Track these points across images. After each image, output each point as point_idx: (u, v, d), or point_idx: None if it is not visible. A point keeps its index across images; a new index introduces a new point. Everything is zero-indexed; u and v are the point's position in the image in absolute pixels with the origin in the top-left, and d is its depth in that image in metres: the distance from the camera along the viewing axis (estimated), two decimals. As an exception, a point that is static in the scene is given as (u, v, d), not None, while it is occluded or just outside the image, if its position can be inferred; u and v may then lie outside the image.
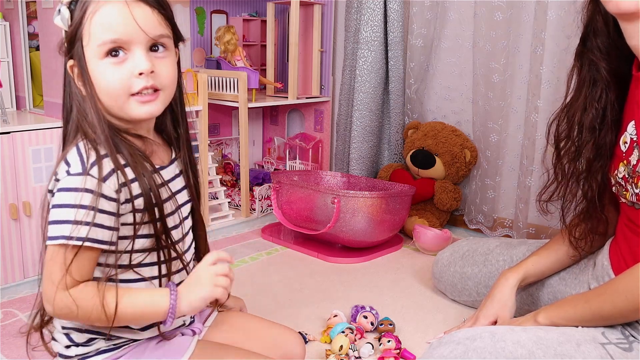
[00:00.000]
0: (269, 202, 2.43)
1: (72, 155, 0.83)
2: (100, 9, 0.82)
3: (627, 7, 0.98)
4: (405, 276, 1.86)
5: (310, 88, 2.60)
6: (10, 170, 1.59)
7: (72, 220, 0.79)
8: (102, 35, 0.82)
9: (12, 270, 1.64)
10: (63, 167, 0.83)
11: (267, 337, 1.06)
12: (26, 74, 1.90)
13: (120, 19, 0.82)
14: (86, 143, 0.83)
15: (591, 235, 1.25)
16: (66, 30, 0.85)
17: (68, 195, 0.80)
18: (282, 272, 1.87)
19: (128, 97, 0.84)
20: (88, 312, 0.82)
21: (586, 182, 1.19)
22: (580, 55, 1.16)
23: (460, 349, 0.96)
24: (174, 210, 0.93)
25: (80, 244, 0.80)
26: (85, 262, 0.82)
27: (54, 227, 0.81)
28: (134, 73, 0.83)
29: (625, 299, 1.00)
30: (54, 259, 0.81)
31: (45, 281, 0.83)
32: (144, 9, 0.83)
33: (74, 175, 0.81)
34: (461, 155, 2.20)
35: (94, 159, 0.82)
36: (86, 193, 0.80)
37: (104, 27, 0.82)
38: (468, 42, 2.21)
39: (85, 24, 0.82)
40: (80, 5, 0.83)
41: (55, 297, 0.81)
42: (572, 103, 1.19)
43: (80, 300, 0.81)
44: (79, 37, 0.83)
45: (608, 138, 1.14)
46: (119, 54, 0.83)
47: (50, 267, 0.82)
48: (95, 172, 0.81)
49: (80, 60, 0.84)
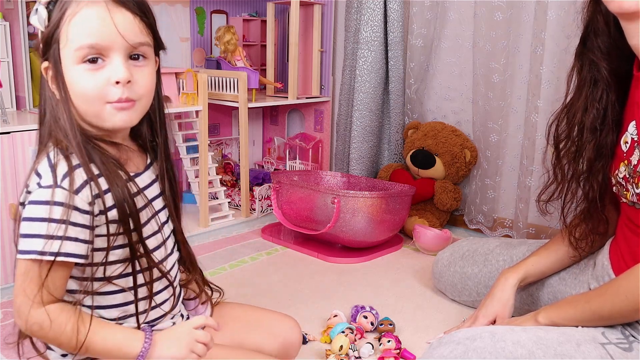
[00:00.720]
0: (269, 202, 2.43)
1: (43, 167, 0.80)
2: (80, 12, 0.78)
3: (629, 6, 0.98)
4: (405, 276, 1.86)
5: (310, 88, 2.60)
6: (10, 170, 1.59)
7: (44, 235, 0.77)
8: (80, 40, 0.78)
9: (12, 270, 1.64)
10: (34, 178, 0.80)
11: (264, 326, 1.06)
12: (26, 74, 1.90)
13: (100, 23, 0.78)
14: (57, 152, 0.81)
15: (592, 235, 1.25)
16: (42, 30, 0.81)
17: (38, 208, 0.78)
18: (282, 272, 1.87)
19: (103, 104, 0.81)
20: (58, 334, 0.81)
21: (587, 182, 1.19)
22: (581, 55, 1.16)
23: (460, 349, 0.96)
24: (150, 217, 0.90)
25: (53, 259, 0.78)
26: (60, 276, 0.81)
27: (25, 241, 0.79)
28: (110, 81, 0.80)
29: (625, 299, 1.00)
30: (27, 273, 0.79)
31: (19, 296, 0.80)
32: (125, 14, 0.80)
33: (45, 187, 0.78)
34: (461, 155, 2.20)
35: (66, 170, 0.79)
36: (56, 206, 0.77)
37: (82, 31, 0.78)
38: (468, 42, 2.21)
39: (62, 26, 0.79)
40: (59, 6, 0.80)
41: (29, 312, 0.79)
42: (573, 103, 1.19)
43: (54, 321, 0.80)
44: (55, 39, 0.80)
45: (609, 138, 1.14)
46: (96, 61, 0.80)
47: (23, 282, 0.80)
48: (66, 184, 0.78)
49: (55, 63, 0.81)
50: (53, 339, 0.82)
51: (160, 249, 0.92)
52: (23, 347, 0.91)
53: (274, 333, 1.06)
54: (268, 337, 1.05)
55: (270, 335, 1.05)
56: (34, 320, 0.80)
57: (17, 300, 0.81)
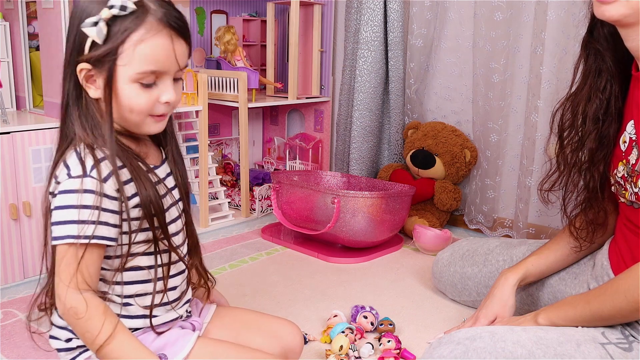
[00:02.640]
0: (269, 202, 2.43)
1: (72, 159, 0.86)
2: (147, 40, 0.84)
3: (611, 15, 1.00)
4: (405, 276, 1.86)
5: (310, 88, 2.60)
6: (10, 170, 1.59)
7: (78, 220, 0.83)
8: (144, 66, 0.85)
9: (12, 270, 1.64)
10: (63, 170, 0.86)
11: (266, 329, 1.07)
12: (26, 74, 1.90)
13: (164, 54, 0.86)
14: (84, 147, 0.87)
15: (592, 225, 1.25)
16: (98, 42, 0.84)
17: (70, 196, 0.84)
18: (282, 272, 1.87)
19: (147, 116, 0.89)
20: (89, 324, 0.85)
21: (588, 172, 1.19)
22: (587, 44, 1.16)
23: (460, 349, 0.96)
24: (171, 205, 0.96)
25: (87, 242, 0.83)
26: (93, 261, 0.86)
27: (59, 227, 0.84)
28: (160, 100, 0.88)
29: (625, 299, 1.00)
30: (63, 258, 0.85)
31: (56, 280, 0.86)
32: (182, 44, 0.88)
33: (75, 177, 0.84)
34: (461, 155, 2.20)
35: (92, 162, 0.85)
36: (87, 194, 0.83)
37: (147, 58, 0.85)
38: (468, 42, 2.22)
39: (126, 47, 0.84)
40: (122, 26, 0.83)
41: (66, 295, 0.85)
42: (577, 93, 1.19)
43: (89, 308, 0.85)
44: (113, 55, 0.84)
45: (612, 129, 1.14)
46: (151, 85, 0.87)
47: (59, 267, 0.85)
48: (95, 174, 0.84)
49: (109, 74, 0.85)
50: (83, 327, 0.86)
51: (178, 235, 0.98)
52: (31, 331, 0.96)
53: (275, 337, 1.07)
54: (269, 340, 1.06)
55: (271, 339, 1.06)
56: (71, 305, 0.85)
57: (56, 285, 0.87)
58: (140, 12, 0.84)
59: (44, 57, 1.76)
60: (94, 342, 0.85)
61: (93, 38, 0.83)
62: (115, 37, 0.83)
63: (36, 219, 1.66)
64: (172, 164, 1.00)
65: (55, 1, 1.65)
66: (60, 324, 0.93)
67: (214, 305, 1.11)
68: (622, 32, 1.04)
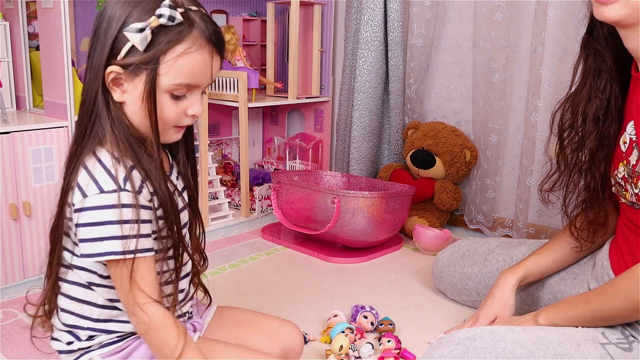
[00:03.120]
0: (269, 202, 2.43)
1: (99, 172, 0.84)
2: (190, 54, 0.84)
3: (611, 16, 1.00)
4: (405, 276, 1.86)
5: (310, 88, 2.60)
6: (10, 170, 1.59)
7: (119, 236, 0.82)
8: (181, 78, 0.85)
9: (12, 270, 1.64)
10: (91, 184, 0.83)
11: (266, 330, 1.08)
12: (26, 74, 1.90)
13: (203, 69, 0.86)
14: (112, 156, 0.85)
15: (593, 225, 1.25)
16: (139, 49, 0.83)
17: (107, 212, 0.81)
18: (282, 272, 1.87)
19: (172, 127, 0.89)
20: (163, 339, 0.86)
21: (589, 172, 1.19)
22: (587, 44, 1.16)
23: (460, 349, 0.96)
24: (182, 208, 0.96)
25: (133, 257, 0.83)
26: (146, 271, 0.85)
27: (99, 244, 0.82)
28: (186, 112, 0.88)
29: (625, 299, 1.00)
30: (115, 276, 0.84)
31: (124, 299, 0.86)
32: (218, 61, 0.89)
33: (109, 192, 0.82)
34: (461, 155, 2.20)
35: (124, 173, 0.84)
36: (125, 208, 0.82)
37: (186, 72, 0.85)
38: (468, 42, 2.22)
39: (168, 57, 0.83)
40: (166, 36, 0.83)
41: (133, 311, 0.85)
42: (577, 93, 1.19)
43: (163, 321, 0.86)
44: (154, 63, 0.83)
45: (612, 129, 1.14)
46: (181, 97, 0.87)
47: (120, 286, 0.85)
48: (129, 187, 0.83)
49: (151, 82, 0.84)
50: (159, 341, 0.87)
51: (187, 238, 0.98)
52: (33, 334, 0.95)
53: (275, 337, 1.07)
54: (269, 341, 1.06)
55: (272, 339, 1.06)
56: (139, 320, 0.85)
57: (126, 304, 0.87)
58: (187, 24, 0.83)
59: (44, 57, 1.76)
60: (173, 354, 0.86)
61: (135, 44, 0.82)
62: (159, 47, 0.83)
63: (36, 219, 1.66)
64: (182, 173, 1.00)
65: (55, 1, 1.65)
66: (62, 326, 0.93)
67: (215, 305, 1.11)
68: (622, 33, 1.04)
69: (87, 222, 0.82)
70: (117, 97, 0.86)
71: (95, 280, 0.89)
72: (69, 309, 0.92)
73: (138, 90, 0.85)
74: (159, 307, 0.86)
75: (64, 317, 0.92)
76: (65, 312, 0.92)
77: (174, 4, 0.82)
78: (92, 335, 0.91)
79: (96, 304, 0.90)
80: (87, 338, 0.92)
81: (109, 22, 0.84)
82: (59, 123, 1.69)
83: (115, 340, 0.92)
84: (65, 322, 0.92)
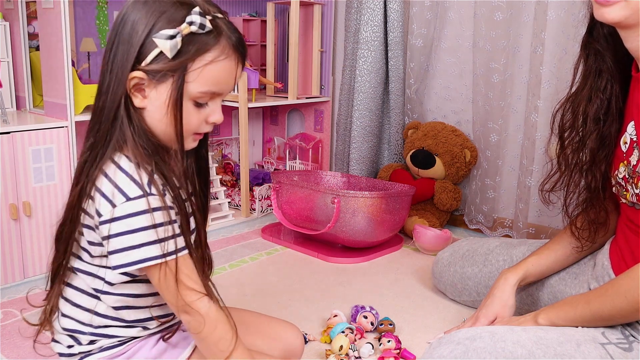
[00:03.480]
0: (269, 202, 2.43)
1: (122, 179, 0.82)
2: (219, 62, 0.84)
3: (612, 17, 1.00)
4: (405, 276, 1.86)
5: (310, 88, 2.60)
6: (10, 170, 1.59)
7: (156, 240, 0.81)
8: (208, 86, 0.84)
9: (12, 270, 1.64)
10: (117, 193, 0.82)
11: (266, 331, 1.07)
12: (26, 74, 1.90)
13: (229, 78, 0.86)
14: (134, 162, 0.84)
15: (594, 225, 1.25)
16: (168, 56, 0.82)
17: (139, 219, 0.81)
18: (282, 272, 1.87)
19: (192, 134, 0.88)
20: (219, 333, 0.87)
21: (590, 172, 1.19)
22: (587, 44, 1.16)
23: (460, 349, 0.96)
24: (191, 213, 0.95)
25: (175, 257, 0.82)
26: (187, 268, 0.85)
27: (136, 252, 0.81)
28: (207, 120, 0.88)
29: (625, 299, 1.00)
30: (160, 280, 0.83)
31: (173, 302, 0.85)
32: (241, 70, 0.89)
33: (136, 198, 0.81)
34: (461, 155, 2.20)
35: (147, 179, 0.83)
36: (156, 212, 0.81)
37: (212, 80, 0.84)
38: (468, 42, 2.22)
39: (196, 66, 0.83)
40: (196, 44, 0.82)
41: (198, 307, 0.85)
42: (578, 93, 1.19)
43: (217, 315, 0.86)
44: (182, 70, 0.82)
45: (613, 129, 1.14)
46: (204, 105, 0.86)
47: (167, 289, 0.84)
48: (154, 190, 0.82)
49: (179, 89, 0.83)
50: (216, 336, 0.87)
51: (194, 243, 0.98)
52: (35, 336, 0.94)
53: (276, 339, 1.07)
54: (270, 342, 1.06)
55: (272, 341, 1.06)
56: (195, 318, 0.85)
57: (175, 305, 0.86)
58: (215, 33, 0.83)
59: (44, 57, 1.76)
60: (229, 347, 0.86)
61: (164, 50, 0.81)
62: (187, 54, 0.82)
63: (36, 219, 1.66)
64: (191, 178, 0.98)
65: (55, 1, 1.65)
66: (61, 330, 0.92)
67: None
68: (622, 33, 1.04)
69: (120, 231, 0.81)
70: (138, 103, 0.85)
71: (100, 287, 0.88)
72: (70, 315, 0.91)
73: (162, 98, 0.83)
74: (210, 301, 0.86)
75: (64, 322, 0.92)
76: (66, 318, 0.92)
77: (202, 11, 0.81)
78: (93, 340, 0.91)
79: (98, 313, 0.89)
80: (89, 342, 0.91)
81: (133, 26, 0.82)
82: (59, 123, 1.69)
83: (116, 344, 0.92)
84: (65, 327, 0.92)
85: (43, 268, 1.69)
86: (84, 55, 2.22)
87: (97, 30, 2.26)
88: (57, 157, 1.68)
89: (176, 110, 0.84)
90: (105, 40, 2.25)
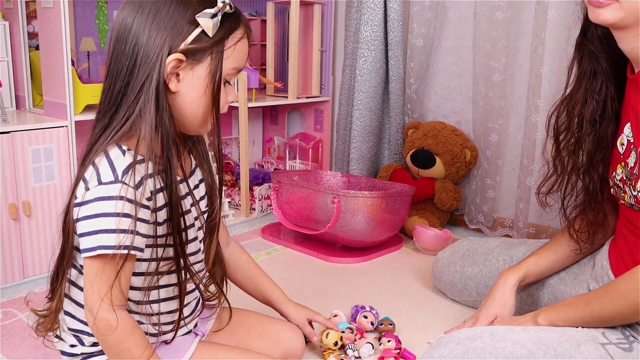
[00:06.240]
0: (269, 202, 2.43)
1: (103, 164, 0.82)
2: (244, 40, 0.88)
3: (606, 18, 0.99)
4: (405, 276, 1.86)
5: (310, 88, 2.60)
6: (10, 170, 1.59)
7: (115, 229, 0.79)
8: (238, 62, 0.88)
9: (12, 270, 1.64)
10: (94, 176, 0.81)
11: (267, 333, 1.07)
12: (26, 73, 1.90)
13: (246, 54, 0.90)
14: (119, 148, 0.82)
15: (592, 226, 1.25)
16: (209, 35, 0.83)
17: (103, 204, 0.79)
18: (282, 272, 1.87)
19: (214, 115, 0.89)
20: (126, 345, 0.84)
21: (587, 174, 1.19)
22: (581, 46, 1.16)
23: (460, 349, 0.96)
24: (197, 216, 0.94)
25: (127, 252, 0.80)
26: (126, 273, 0.83)
27: (95, 237, 0.79)
28: (227, 100, 0.90)
29: (625, 302, 1.00)
30: (101, 269, 0.81)
31: (88, 292, 0.82)
32: None
33: (108, 184, 0.80)
34: (461, 155, 2.20)
35: (125, 165, 0.81)
36: (124, 201, 0.79)
37: (241, 56, 0.88)
38: (468, 42, 2.21)
39: (230, 43, 0.86)
40: (227, 22, 0.85)
41: (98, 310, 0.82)
42: (572, 95, 1.18)
43: (129, 328, 0.84)
44: (221, 47, 0.85)
45: (609, 130, 1.14)
46: (227, 83, 0.89)
47: (94, 279, 0.81)
48: (129, 180, 0.80)
49: (216, 67, 0.85)
50: (120, 346, 0.84)
51: (197, 254, 0.96)
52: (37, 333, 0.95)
53: (277, 341, 1.07)
54: (270, 344, 1.06)
55: (273, 342, 1.06)
56: (104, 318, 0.82)
57: (88, 297, 0.83)
58: (237, 13, 0.87)
59: (44, 57, 1.76)
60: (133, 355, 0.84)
61: (206, 29, 0.83)
62: (223, 32, 0.85)
63: (36, 219, 1.66)
64: (203, 171, 0.98)
65: (55, 1, 1.65)
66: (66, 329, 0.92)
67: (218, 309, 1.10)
68: (616, 35, 1.04)
69: (84, 215, 0.80)
70: (174, 87, 0.85)
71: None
72: (74, 315, 0.91)
73: (199, 77, 0.85)
74: (128, 314, 0.85)
75: (68, 322, 0.92)
76: (70, 317, 0.92)
77: None
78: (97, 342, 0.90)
79: None
80: (92, 344, 0.91)
81: (166, 8, 0.82)
82: (59, 123, 1.69)
83: None
84: (70, 326, 0.92)
85: (43, 268, 1.69)
86: (84, 55, 2.22)
87: (96, 30, 2.25)
88: (56, 156, 1.68)
89: (215, 87, 0.85)
90: (105, 41, 2.25)
